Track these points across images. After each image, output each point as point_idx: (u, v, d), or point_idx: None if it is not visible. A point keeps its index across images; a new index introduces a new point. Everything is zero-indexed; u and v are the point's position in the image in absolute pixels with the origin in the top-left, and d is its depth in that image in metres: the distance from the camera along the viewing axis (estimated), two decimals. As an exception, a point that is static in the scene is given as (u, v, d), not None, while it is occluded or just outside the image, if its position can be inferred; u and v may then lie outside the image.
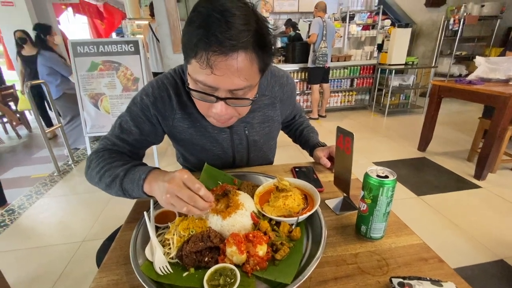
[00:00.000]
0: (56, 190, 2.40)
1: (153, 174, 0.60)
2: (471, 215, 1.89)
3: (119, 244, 0.59)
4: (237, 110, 0.64)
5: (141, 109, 0.74)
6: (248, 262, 0.50)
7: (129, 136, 0.74)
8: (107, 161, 0.69)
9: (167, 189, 0.52)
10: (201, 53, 0.51)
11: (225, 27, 0.49)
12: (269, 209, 0.61)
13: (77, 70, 2.41)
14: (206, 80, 0.54)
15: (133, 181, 0.61)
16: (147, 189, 0.58)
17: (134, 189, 0.61)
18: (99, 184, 0.69)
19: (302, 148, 1.05)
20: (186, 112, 0.76)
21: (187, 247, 0.51)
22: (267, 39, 0.55)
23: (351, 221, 0.64)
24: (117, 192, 0.65)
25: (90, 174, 0.71)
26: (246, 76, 0.55)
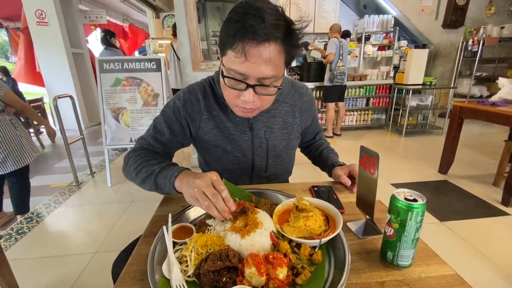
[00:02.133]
0: (73, 200, 2.45)
1: (184, 173, 0.67)
2: (499, 244, 1.76)
3: (136, 259, 0.58)
4: (262, 101, 0.70)
5: (173, 111, 0.83)
6: (267, 285, 0.48)
7: (162, 137, 0.83)
8: (144, 158, 0.76)
9: (196, 184, 0.57)
10: (237, 43, 0.59)
11: (259, 20, 0.57)
12: (289, 229, 0.59)
13: (102, 85, 2.53)
14: (239, 68, 0.62)
15: (166, 177, 0.68)
16: (177, 185, 0.65)
17: (166, 184, 0.67)
18: (135, 179, 0.76)
19: (322, 169, 1.04)
20: (211, 114, 0.84)
21: (205, 266, 0.49)
22: (294, 35, 0.63)
23: (375, 246, 0.61)
24: (151, 187, 0.73)
25: (128, 170, 0.78)
26: (274, 65, 0.62)
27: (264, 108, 0.75)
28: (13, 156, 1.84)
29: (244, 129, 0.85)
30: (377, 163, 0.57)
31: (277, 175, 0.97)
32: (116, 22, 7.17)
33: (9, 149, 1.81)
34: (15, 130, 1.87)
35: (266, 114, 0.86)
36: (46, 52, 4.55)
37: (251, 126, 0.86)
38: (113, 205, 2.35)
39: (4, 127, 1.80)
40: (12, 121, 1.88)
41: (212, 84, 0.85)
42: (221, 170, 0.91)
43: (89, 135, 4.69)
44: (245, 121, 0.85)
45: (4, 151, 1.79)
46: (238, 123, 0.85)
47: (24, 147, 1.91)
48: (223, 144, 0.87)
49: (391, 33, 4.86)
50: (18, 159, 1.87)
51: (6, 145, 1.80)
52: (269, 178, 0.96)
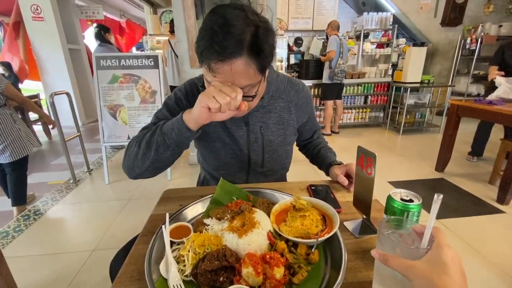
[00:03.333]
0: (71, 198, 2.45)
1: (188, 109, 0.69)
2: (494, 242, 1.78)
3: (134, 258, 0.58)
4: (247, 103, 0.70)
5: (175, 102, 0.85)
6: (264, 285, 0.48)
7: None
8: (143, 133, 0.77)
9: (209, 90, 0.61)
10: (205, 61, 0.62)
11: (224, 38, 0.58)
12: (286, 229, 0.59)
13: (99, 82, 2.51)
14: (212, 81, 0.63)
15: (172, 122, 0.69)
16: (186, 116, 0.67)
17: (173, 127, 0.68)
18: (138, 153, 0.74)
19: (319, 168, 1.04)
20: None
21: (203, 266, 0.50)
22: (263, 44, 0.62)
23: (371, 245, 0.61)
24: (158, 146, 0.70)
25: (128, 154, 0.77)
26: (245, 77, 0.63)
27: (252, 107, 0.77)
28: (12, 148, 1.93)
29: (239, 124, 0.87)
30: (374, 163, 0.58)
31: (274, 171, 0.97)
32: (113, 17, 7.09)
33: (7, 141, 1.90)
34: (14, 123, 1.97)
35: (261, 110, 0.87)
36: (42, 48, 4.50)
37: (247, 121, 0.86)
38: (110, 202, 2.35)
39: (4, 120, 1.90)
40: (12, 115, 1.97)
41: None
42: (219, 166, 0.92)
43: (86, 132, 4.67)
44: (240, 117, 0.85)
45: (2, 143, 1.89)
46: (234, 118, 0.84)
47: (22, 139, 2.00)
48: (222, 137, 0.88)
49: (390, 31, 4.85)
50: (16, 151, 1.96)
51: (5, 137, 1.90)
52: (266, 174, 0.96)
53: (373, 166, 0.58)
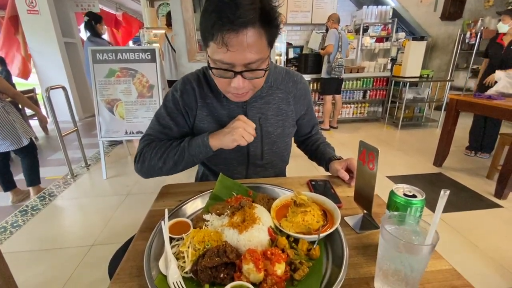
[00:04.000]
0: (69, 193, 2.43)
1: (212, 133, 0.78)
2: (491, 236, 1.80)
3: (132, 255, 0.57)
4: (252, 83, 0.71)
5: (173, 103, 0.85)
6: (265, 281, 0.48)
7: (171, 131, 0.86)
8: (165, 146, 0.82)
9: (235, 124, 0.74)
10: (216, 34, 0.59)
11: (234, 8, 0.57)
12: (287, 224, 0.58)
13: (96, 76, 2.47)
14: (223, 58, 0.62)
15: (198, 145, 0.76)
16: (212, 142, 0.76)
17: (201, 150, 0.77)
18: (164, 167, 0.81)
19: (318, 164, 1.03)
20: (205, 102, 0.85)
21: (203, 262, 0.49)
22: (272, 14, 0.63)
23: (373, 241, 0.61)
24: (186, 163, 0.80)
25: (149, 164, 0.81)
26: (257, 49, 0.63)
27: (256, 89, 0.76)
28: (11, 139, 2.00)
29: None
30: (376, 158, 0.57)
31: (273, 163, 0.96)
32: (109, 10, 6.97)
33: (4, 134, 1.96)
34: (7, 115, 2.00)
35: (260, 101, 0.86)
36: (38, 42, 4.43)
37: (245, 112, 0.85)
38: (109, 197, 2.34)
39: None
40: (4, 107, 2.00)
41: (206, 73, 0.86)
42: (217, 160, 0.91)
43: (83, 126, 4.63)
44: (239, 108, 0.84)
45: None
46: (232, 109, 0.84)
47: (18, 131, 2.04)
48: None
49: (390, 25, 4.81)
50: (15, 141, 2.03)
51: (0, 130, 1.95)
52: (265, 167, 0.95)
53: (375, 161, 0.57)
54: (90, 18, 3.20)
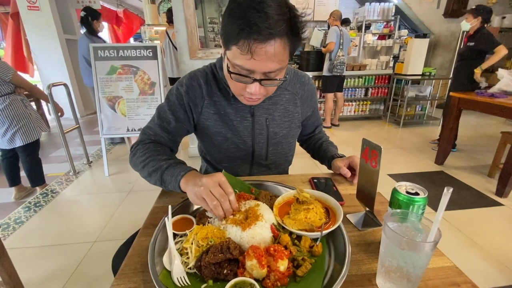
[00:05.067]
0: (71, 190, 2.45)
1: (192, 173, 0.67)
2: (492, 234, 1.80)
3: (137, 251, 0.58)
4: (267, 90, 0.71)
5: (176, 98, 0.84)
6: (268, 277, 0.48)
7: (168, 125, 0.84)
8: (152, 152, 0.78)
9: (203, 182, 0.58)
10: (243, 41, 0.59)
11: (263, 17, 0.56)
12: (290, 222, 0.59)
13: (97, 73, 2.47)
14: (245, 64, 0.62)
15: (172, 175, 0.69)
16: (182, 184, 0.66)
17: (171, 182, 0.68)
18: (142, 171, 0.77)
19: (321, 162, 1.04)
20: (212, 100, 0.84)
21: (206, 258, 0.49)
22: (298, 26, 0.62)
23: (375, 238, 0.61)
24: (156, 181, 0.74)
25: (135, 161, 0.79)
26: (279, 59, 0.62)
27: (269, 94, 0.76)
28: (22, 132, 2.04)
29: (245, 115, 0.85)
30: (379, 156, 0.57)
31: (277, 164, 0.96)
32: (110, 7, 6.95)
33: (19, 125, 2.02)
34: (25, 108, 2.08)
35: (267, 101, 0.86)
36: (38, 38, 4.42)
37: (253, 112, 0.85)
38: (111, 194, 2.35)
39: (16, 105, 2.01)
40: (23, 101, 2.08)
41: (214, 71, 0.84)
42: (221, 158, 0.92)
43: (84, 124, 4.64)
44: (246, 107, 0.84)
45: (15, 127, 2.00)
46: (239, 109, 0.84)
47: (32, 124, 2.10)
48: (223, 131, 0.86)
49: (392, 22, 4.78)
50: (26, 135, 2.06)
51: (17, 121, 2.01)
52: (269, 167, 0.96)
53: (378, 159, 0.57)
54: (87, 13, 3.03)
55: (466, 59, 2.92)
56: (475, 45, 2.80)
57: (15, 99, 2.01)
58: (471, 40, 2.84)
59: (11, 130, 1.99)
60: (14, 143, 2.03)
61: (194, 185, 0.60)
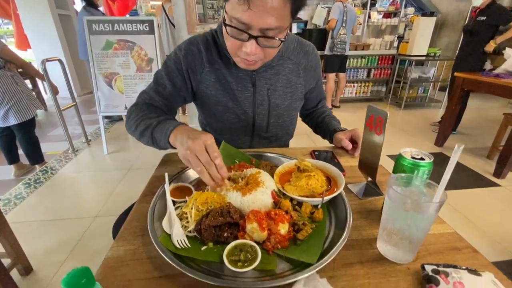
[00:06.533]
0: (71, 167, 2.45)
1: (180, 128, 0.63)
2: (488, 214, 1.83)
3: (136, 216, 0.57)
4: (264, 52, 0.66)
5: (174, 63, 0.80)
6: (269, 240, 0.48)
7: (164, 90, 0.81)
8: (144, 112, 0.75)
9: (188, 146, 0.54)
10: None
11: None
12: (291, 188, 0.58)
13: (92, 48, 2.39)
14: (242, 17, 0.57)
15: (162, 131, 0.66)
16: (172, 139, 0.63)
17: (162, 138, 0.65)
18: (135, 133, 0.75)
19: (323, 136, 1.02)
20: (213, 67, 0.81)
21: (207, 221, 0.49)
22: None
23: (375, 206, 0.61)
24: (148, 140, 0.72)
25: (129, 123, 0.77)
26: (279, 15, 0.58)
27: (267, 60, 0.71)
28: (15, 110, 1.96)
29: (246, 85, 0.82)
30: (385, 123, 0.55)
31: (278, 136, 0.95)
32: (104, -19, 6.63)
33: (11, 103, 1.93)
34: (16, 85, 1.98)
35: (270, 71, 0.82)
36: (31, 14, 4.25)
37: (254, 82, 0.82)
38: (110, 172, 2.36)
39: (6, 82, 1.91)
40: (13, 77, 1.98)
41: (215, 36, 0.81)
42: (222, 129, 0.90)
43: (82, 103, 4.57)
44: (247, 76, 0.81)
45: (6, 105, 1.92)
46: (240, 78, 0.81)
47: (25, 101, 2.01)
48: (224, 100, 0.84)
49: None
50: (20, 113, 1.99)
51: (9, 99, 1.92)
52: (270, 139, 0.94)
53: (383, 125, 0.56)
54: None
55: (474, 35, 2.82)
56: (488, 19, 2.70)
57: (4, 75, 1.90)
58: (482, 14, 2.74)
59: (3, 108, 1.92)
60: (8, 121, 1.97)
61: (181, 144, 0.57)
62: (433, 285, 0.39)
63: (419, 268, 0.44)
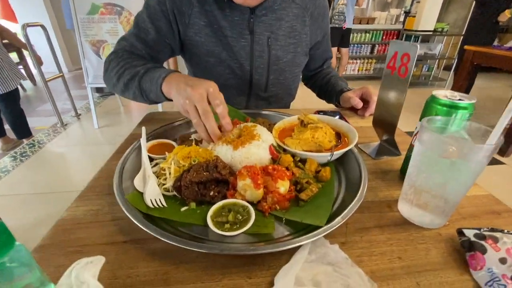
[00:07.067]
0: (59, 141, 2.33)
1: (175, 75, 0.53)
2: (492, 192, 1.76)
3: (105, 173, 0.48)
4: None
5: (158, 3, 0.68)
6: (265, 200, 0.39)
7: (146, 35, 0.69)
8: (126, 60, 0.64)
9: (188, 94, 0.45)
10: None
11: None
12: (293, 142, 0.48)
13: (77, 13, 2.20)
14: None
15: (152, 79, 0.55)
16: (165, 89, 0.52)
17: (152, 88, 0.55)
18: (117, 85, 0.64)
19: (328, 100, 0.90)
20: (203, 9, 0.68)
21: (188, 176, 0.39)
22: None
23: (392, 167, 0.51)
24: (135, 93, 0.61)
25: (109, 75, 0.66)
26: None
27: None
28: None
29: (242, 32, 0.70)
30: (412, 61, 0.44)
31: (278, 97, 0.84)
32: None
33: None
34: None
35: (271, 15, 0.70)
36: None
37: (252, 28, 0.69)
38: (101, 146, 2.25)
39: None
40: None
41: None
42: None
43: (72, 78, 4.37)
44: (244, 21, 0.68)
45: None
46: (235, 23, 0.68)
47: (6, 72, 1.88)
48: (216, 50, 0.71)
49: (407, -31, 4.31)
50: (2, 84, 1.85)
51: None
52: (269, 100, 0.83)
53: (410, 64, 0.45)
54: None
55: (487, 5, 2.65)
56: None
57: None
58: None
59: None
60: None
61: (178, 94, 0.47)
62: (477, 252, 0.30)
63: (453, 234, 0.35)
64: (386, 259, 0.32)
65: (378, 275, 0.30)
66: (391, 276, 0.30)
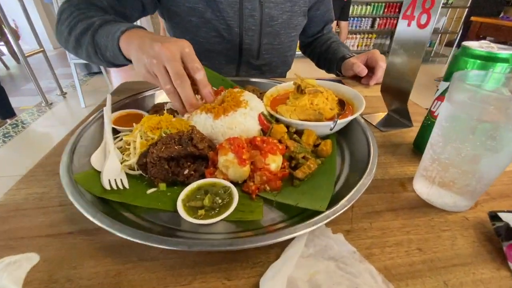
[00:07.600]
0: (44, 121, 2.22)
1: (137, 30, 0.42)
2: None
3: (59, 150, 0.39)
4: None
5: None
6: (252, 179, 0.31)
7: None
8: (82, 10, 0.52)
9: (155, 52, 0.35)
10: None
11: None
12: (287, 109, 0.40)
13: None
14: None
15: (109, 33, 0.44)
16: (123, 44, 0.41)
17: (108, 44, 0.44)
18: (69, 39, 0.51)
19: (328, 69, 0.81)
20: None
21: (154, 151, 0.31)
22: None
23: (403, 140, 0.44)
24: (88, 50, 0.49)
25: (61, 28, 0.53)
26: None
27: None
28: None
29: None
30: (438, 4, 0.35)
31: (272, 66, 0.74)
32: None
33: None
34: None
35: None
36: None
37: None
38: (88, 126, 2.14)
39: None
40: None
41: None
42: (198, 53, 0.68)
43: (58, 56, 4.14)
44: None
45: None
46: None
47: None
48: (200, 7, 0.60)
49: None
50: None
51: None
52: (262, 69, 0.74)
53: (434, 9, 0.36)
54: None
55: None
56: None
57: None
58: None
59: None
60: None
61: (141, 50, 0.37)
62: (521, 242, 0.23)
63: (482, 218, 0.29)
64: (403, 252, 0.25)
65: (394, 272, 0.24)
66: (411, 274, 0.23)
